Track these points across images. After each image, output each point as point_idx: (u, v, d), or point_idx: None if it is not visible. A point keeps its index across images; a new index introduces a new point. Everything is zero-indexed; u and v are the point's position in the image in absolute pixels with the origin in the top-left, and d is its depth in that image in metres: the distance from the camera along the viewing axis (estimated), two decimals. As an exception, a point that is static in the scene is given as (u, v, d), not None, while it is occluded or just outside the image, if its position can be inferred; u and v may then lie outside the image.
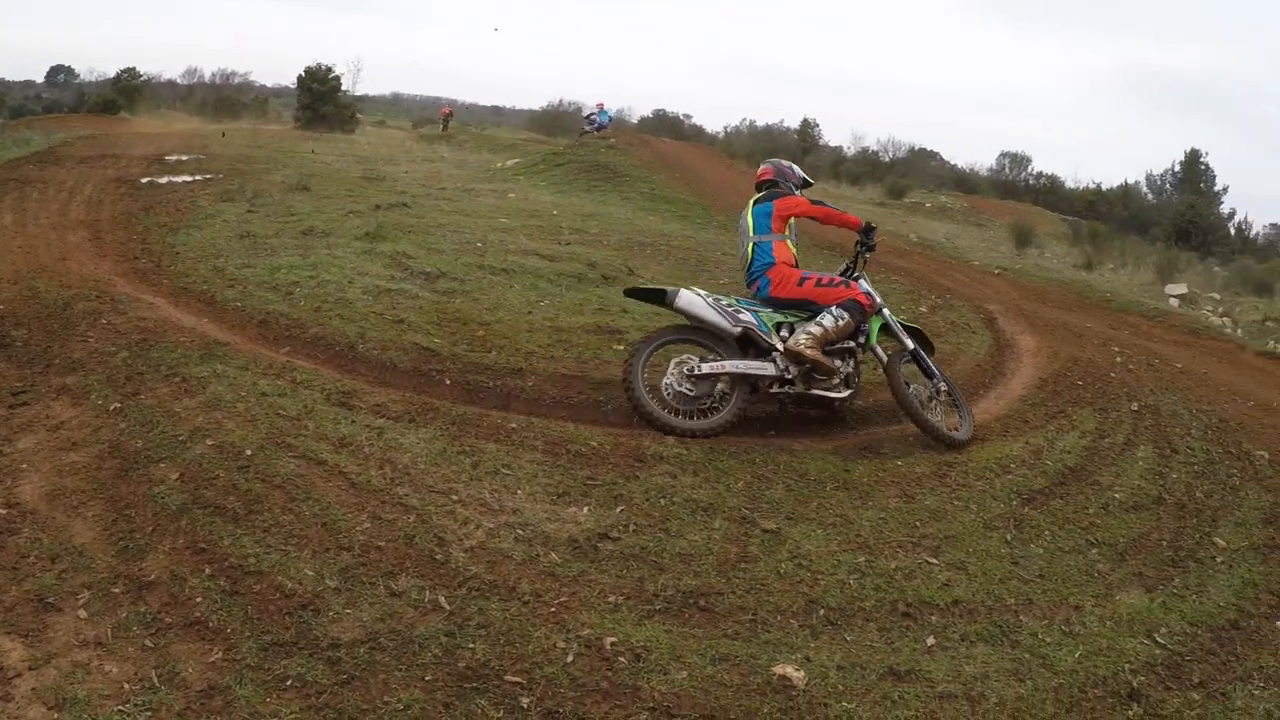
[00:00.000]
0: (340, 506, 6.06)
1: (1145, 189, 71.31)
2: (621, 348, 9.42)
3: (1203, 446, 9.60)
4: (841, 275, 9.14)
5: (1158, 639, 6.17)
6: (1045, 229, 41.66)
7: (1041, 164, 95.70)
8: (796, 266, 8.93)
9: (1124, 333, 14.42)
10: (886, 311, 9.15)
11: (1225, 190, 68.75)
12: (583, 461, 7.16)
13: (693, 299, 8.46)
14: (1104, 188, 69.81)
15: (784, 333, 8.50)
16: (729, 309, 8.48)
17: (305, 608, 5.05)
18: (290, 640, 4.80)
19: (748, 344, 8.45)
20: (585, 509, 6.44)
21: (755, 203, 9.11)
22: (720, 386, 8.36)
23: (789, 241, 9.04)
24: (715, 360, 8.34)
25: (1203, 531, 7.91)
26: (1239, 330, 19.19)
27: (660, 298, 8.58)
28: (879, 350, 8.94)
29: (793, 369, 8.33)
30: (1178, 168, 70.48)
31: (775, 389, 8.42)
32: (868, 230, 9.33)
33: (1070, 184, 72.41)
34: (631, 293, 8.96)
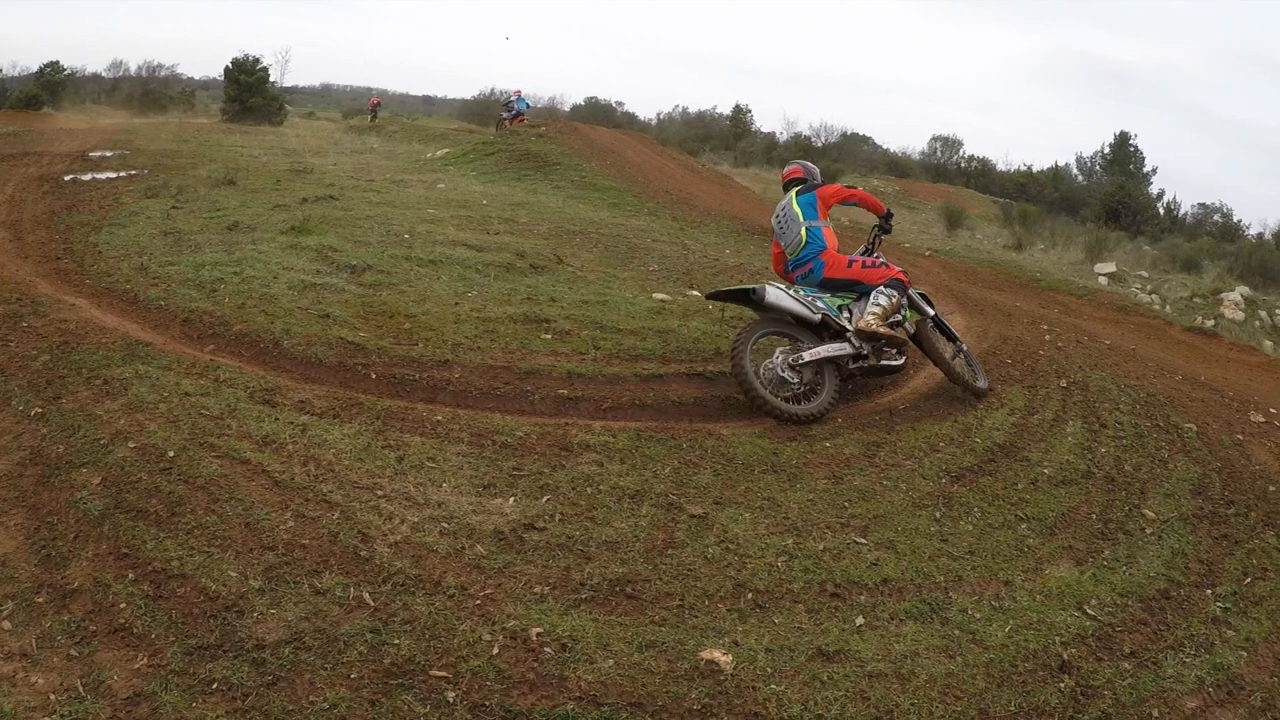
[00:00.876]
0: (263, 506, 5.96)
1: (1075, 171, 72.09)
2: (549, 337, 9.34)
3: (1131, 421, 9.68)
4: (862, 255, 9.75)
5: (1088, 611, 6.23)
6: (976, 211, 42.07)
7: (973, 147, 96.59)
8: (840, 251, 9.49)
9: (1054, 311, 14.56)
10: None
11: (1154, 171, 69.68)
12: (509, 452, 7.09)
13: (779, 294, 8.89)
14: (1034, 170, 70.61)
15: (845, 314, 9.14)
16: (806, 299, 8.96)
17: (229, 609, 4.97)
18: (215, 643, 4.73)
19: (822, 329, 9.01)
20: (511, 500, 6.38)
21: (798, 193, 9.61)
22: (809, 372, 8.79)
23: (831, 228, 9.58)
24: (810, 348, 8.79)
25: (1132, 504, 7.99)
26: (1167, 307, 19.50)
27: (746, 297, 9.05)
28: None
29: (866, 346, 8.96)
30: (1107, 150, 71.24)
31: (852, 365, 8.98)
32: (888, 215, 9.89)
33: (1001, 167, 73.10)
34: (715, 295, 9.43)
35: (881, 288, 9.13)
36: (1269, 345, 18.76)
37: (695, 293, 12.32)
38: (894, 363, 9.32)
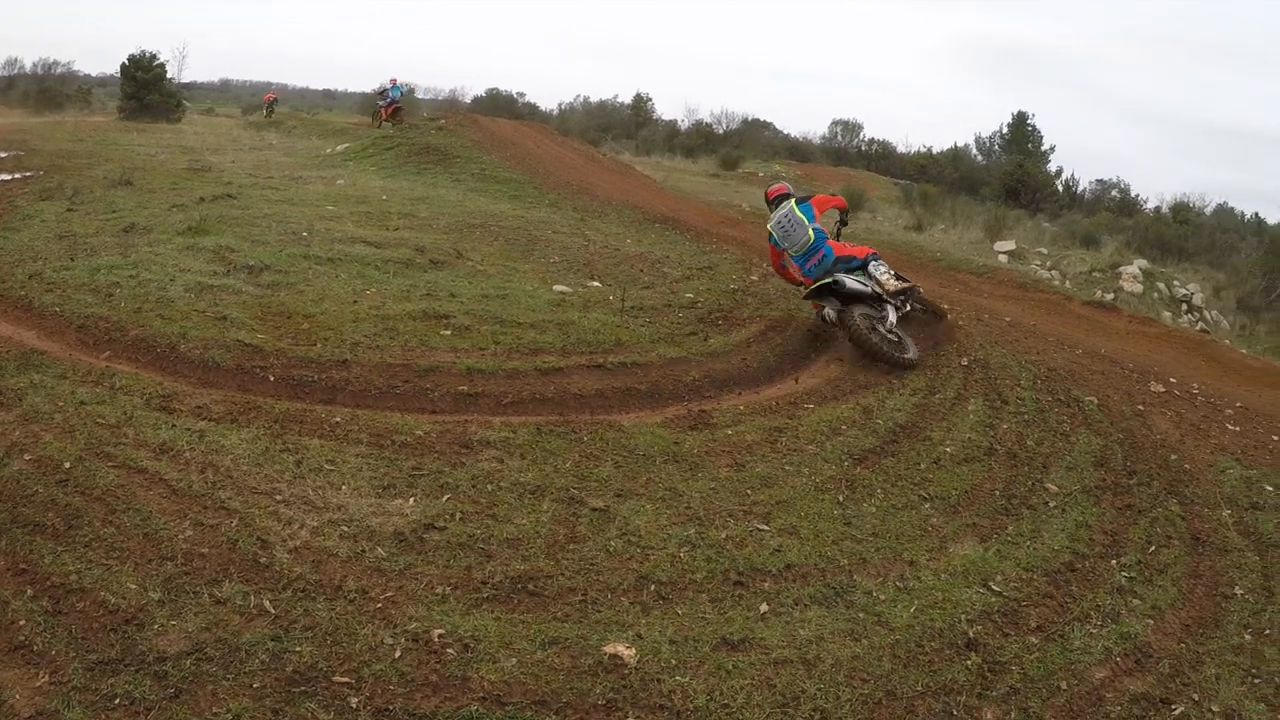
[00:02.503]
0: (162, 515, 5.82)
1: (975, 151, 72.67)
2: (449, 333, 9.23)
3: (1032, 396, 9.79)
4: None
5: (993, 587, 6.29)
6: (878, 193, 42.37)
7: (873, 130, 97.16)
8: None
9: (954, 290, 14.70)
10: None
11: (1052, 149, 70.30)
12: (409, 452, 6.99)
13: (849, 281, 10.55)
14: (934, 151, 71.13)
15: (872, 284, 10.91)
16: (863, 280, 10.73)
17: (129, 623, 4.85)
18: (116, 658, 4.62)
19: (871, 299, 10.75)
20: (411, 500, 6.30)
21: (797, 203, 11.35)
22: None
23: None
24: (885, 315, 10.69)
25: (1034, 479, 8.09)
26: (1067, 282, 19.78)
27: (829, 288, 10.58)
28: None
29: (898, 301, 10.91)
30: (1005, 130, 71.92)
31: (901, 315, 10.89)
32: (847, 211, 12.25)
33: (902, 149, 73.52)
34: (810, 295, 10.93)
35: (869, 259, 11.07)
36: (1167, 316, 19.13)
37: (596, 284, 12.29)
38: (909, 308, 11.23)
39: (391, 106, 38.28)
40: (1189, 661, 5.89)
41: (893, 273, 11.07)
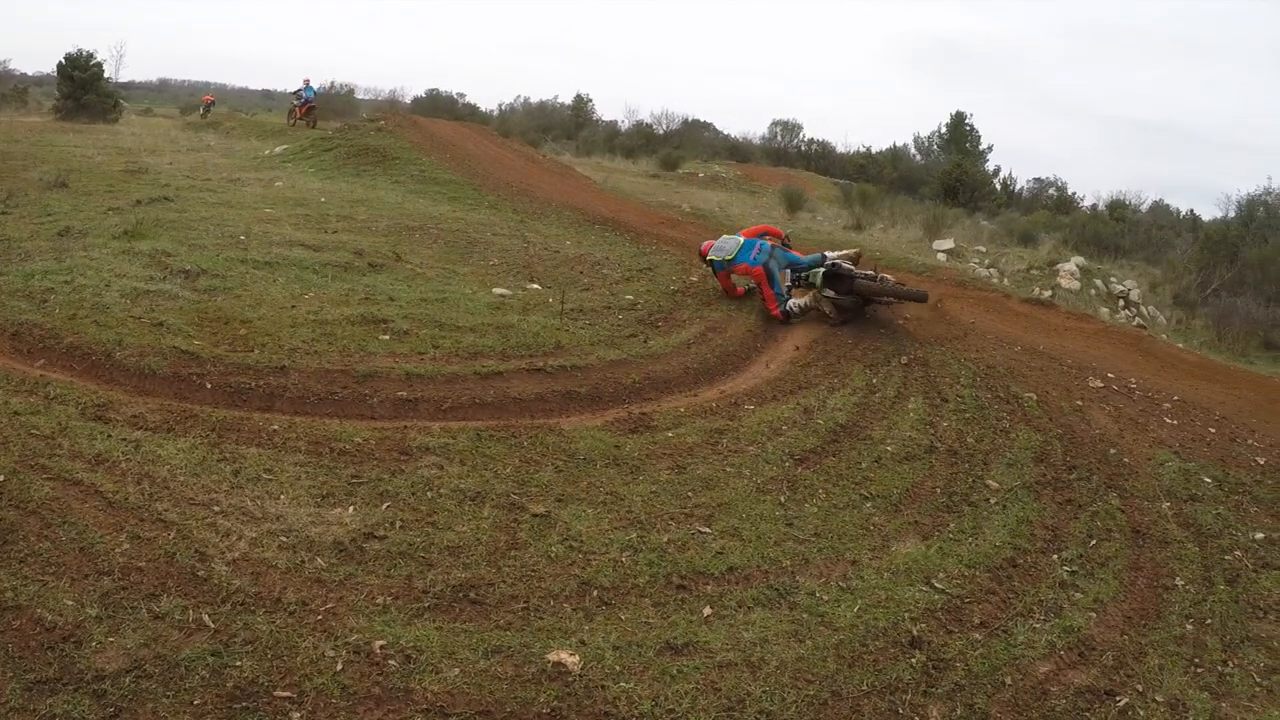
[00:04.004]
0: (98, 528, 5.70)
1: (914, 151, 73.13)
2: (387, 337, 9.16)
3: (972, 394, 9.85)
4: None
5: (936, 585, 6.32)
6: (817, 193, 42.49)
7: (813, 130, 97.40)
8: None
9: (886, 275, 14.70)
10: None
11: (990, 148, 70.91)
12: (347, 459, 6.92)
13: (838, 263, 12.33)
14: (874, 151, 71.49)
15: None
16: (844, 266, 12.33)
17: (67, 640, 4.74)
18: (54, 676, 4.51)
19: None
20: (350, 509, 6.22)
21: (756, 236, 12.76)
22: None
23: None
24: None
25: (975, 475, 8.14)
26: (1005, 280, 19.94)
27: (832, 272, 12.18)
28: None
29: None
30: (944, 129, 72.46)
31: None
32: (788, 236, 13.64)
33: (841, 149, 73.81)
34: (822, 286, 12.19)
35: (817, 255, 12.65)
36: (1105, 312, 19.33)
37: (535, 286, 12.25)
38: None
39: (305, 106, 39.53)
40: (1132, 653, 5.96)
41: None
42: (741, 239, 12.45)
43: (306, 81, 41.17)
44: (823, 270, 12.25)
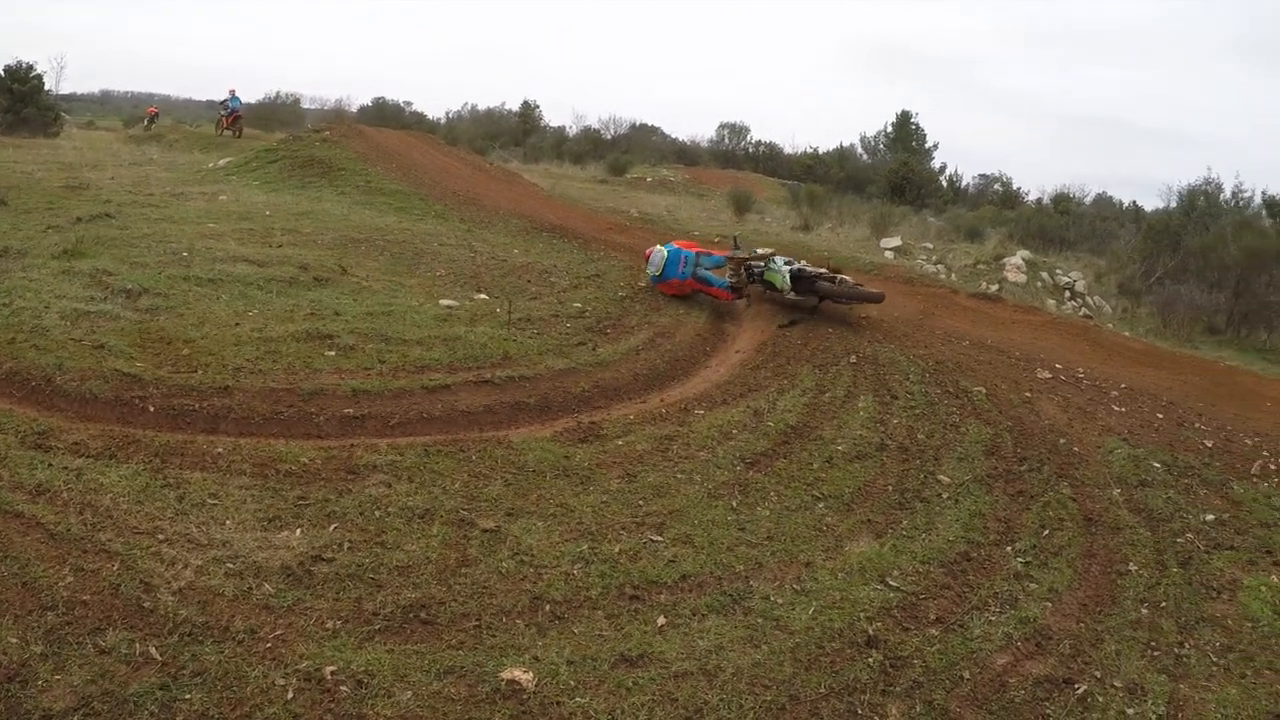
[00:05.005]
0: (40, 562, 5.56)
1: (860, 150, 73.57)
2: (333, 353, 9.05)
3: (922, 390, 9.89)
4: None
5: (891, 583, 6.35)
6: (765, 194, 42.62)
7: (760, 132, 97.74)
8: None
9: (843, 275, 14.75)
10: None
11: (936, 146, 71.52)
12: (294, 480, 6.81)
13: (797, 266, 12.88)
14: (821, 151, 71.83)
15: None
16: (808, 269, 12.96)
17: (13, 680, 4.62)
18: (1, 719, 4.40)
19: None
20: (297, 532, 6.13)
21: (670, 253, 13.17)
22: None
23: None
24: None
25: (927, 471, 8.19)
26: (953, 275, 20.04)
27: (797, 275, 12.75)
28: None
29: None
30: (890, 129, 72.99)
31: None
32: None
33: (789, 150, 74.20)
34: (791, 292, 12.80)
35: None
36: (1051, 304, 19.47)
37: (483, 296, 12.17)
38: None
39: (231, 116, 40.50)
40: (1089, 640, 6.01)
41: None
42: (666, 253, 13.10)
43: (232, 92, 41.79)
44: (788, 271, 12.65)
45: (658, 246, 13.51)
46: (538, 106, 76.79)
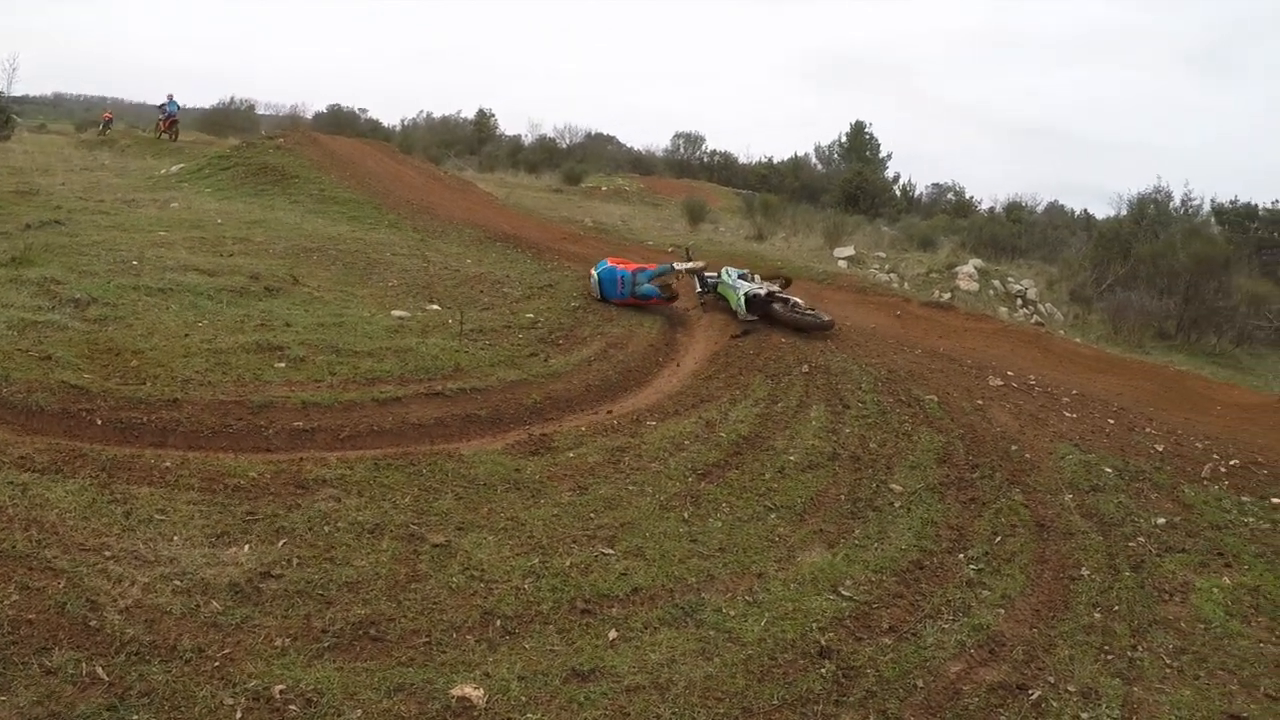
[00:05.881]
0: (-16, 580, 5.50)
1: (815, 160, 74.00)
2: (283, 365, 8.97)
3: (874, 398, 9.92)
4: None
5: (843, 592, 6.35)
6: (720, 204, 42.78)
7: (715, 142, 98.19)
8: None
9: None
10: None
11: (890, 156, 72.13)
12: (242, 495, 6.73)
13: (749, 287, 12.93)
14: (775, 161, 72.20)
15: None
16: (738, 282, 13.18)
17: (-44, 704, 4.55)
18: (-56, 743, 4.33)
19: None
20: (246, 547, 6.06)
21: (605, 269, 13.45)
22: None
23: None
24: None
25: (879, 480, 8.20)
26: (905, 284, 20.13)
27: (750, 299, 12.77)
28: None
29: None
30: (844, 138, 73.46)
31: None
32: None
33: (743, 159, 74.65)
34: (749, 314, 12.76)
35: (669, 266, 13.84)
36: (1003, 312, 19.60)
37: (435, 307, 12.15)
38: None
39: (169, 120, 41.61)
40: (1042, 645, 6.03)
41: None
42: (598, 276, 13.44)
43: (170, 97, 42.65)
44: (744, 294, 12.72)
45: (593, 270, 13.79)
46: (493, 115, 76.99)
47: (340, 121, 65.67)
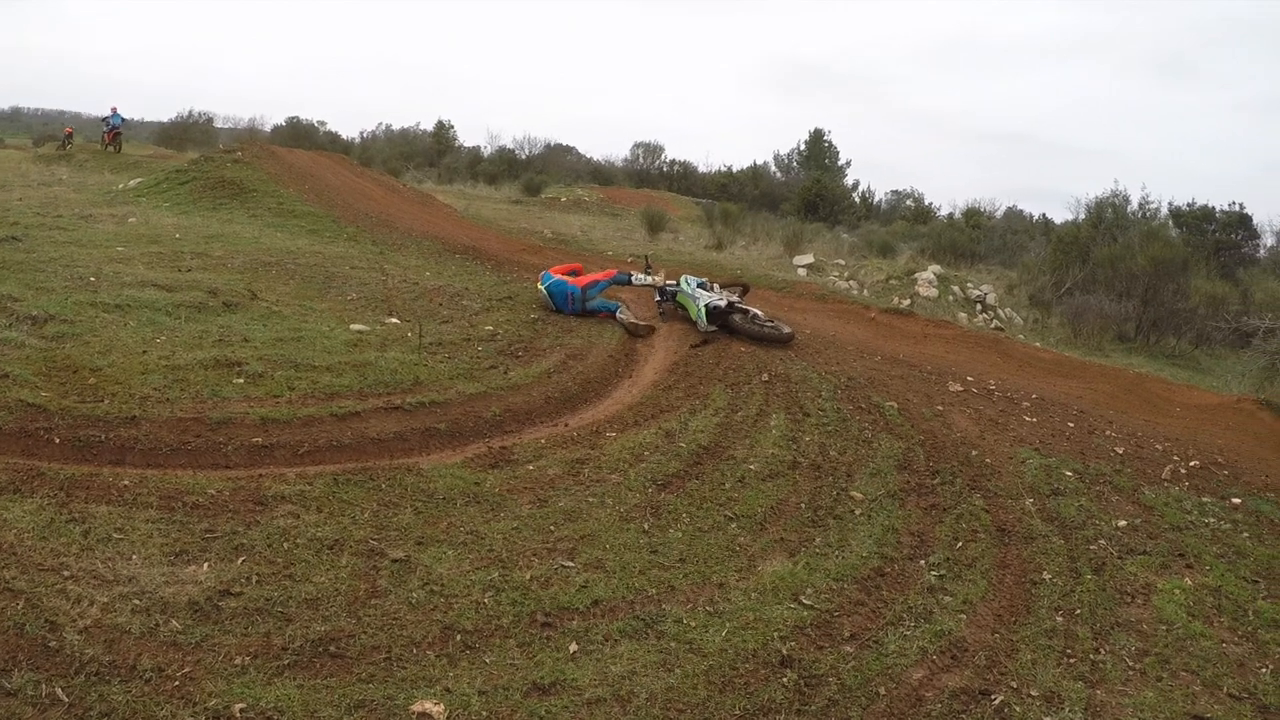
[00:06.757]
0: (-58, 602, 5.45)
1: (774, 168, 74.44)
2: (242, 381, 8.92)
3: (834, 406, 9.95)
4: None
5: (805, 601, 6.36)
6: (679, 213, 42.95)
7: (675, 151, 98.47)
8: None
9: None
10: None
11: (849, 164, 72.92)
12: (201, 513, 6.67)
13: (712, 300, 12.90)
14: (734, 170, 72.56)
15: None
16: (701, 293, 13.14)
17: (-87, 725, 4.51)
18: (-98, 768, 4.29)
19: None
20: (205, 566, 6.01)
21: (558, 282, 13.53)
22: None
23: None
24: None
25: (839, 488, 8.22)
26: (865, 291, 20.24)
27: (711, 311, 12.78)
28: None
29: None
30: (803, 146, 73.93)
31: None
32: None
33: (703, 169, 75.02)
34: (710, 327, 12.75)
35: (621, 276, 14.05)
36: (963, 317, 19.75)
37: (394, 321, 12.12)
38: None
39: (112, 132, 43.12)
40: (1004, 650, 6.05)
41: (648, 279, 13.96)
42: (544, 290, 13.55)
43: (114, 109, 43.65)
44: (705, 307, 12.69)
45: (539, 285, 13.79)
46: (452, 126, 77.15)
47: (299, 134, 65.49)
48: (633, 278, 13.99)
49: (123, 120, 44.18)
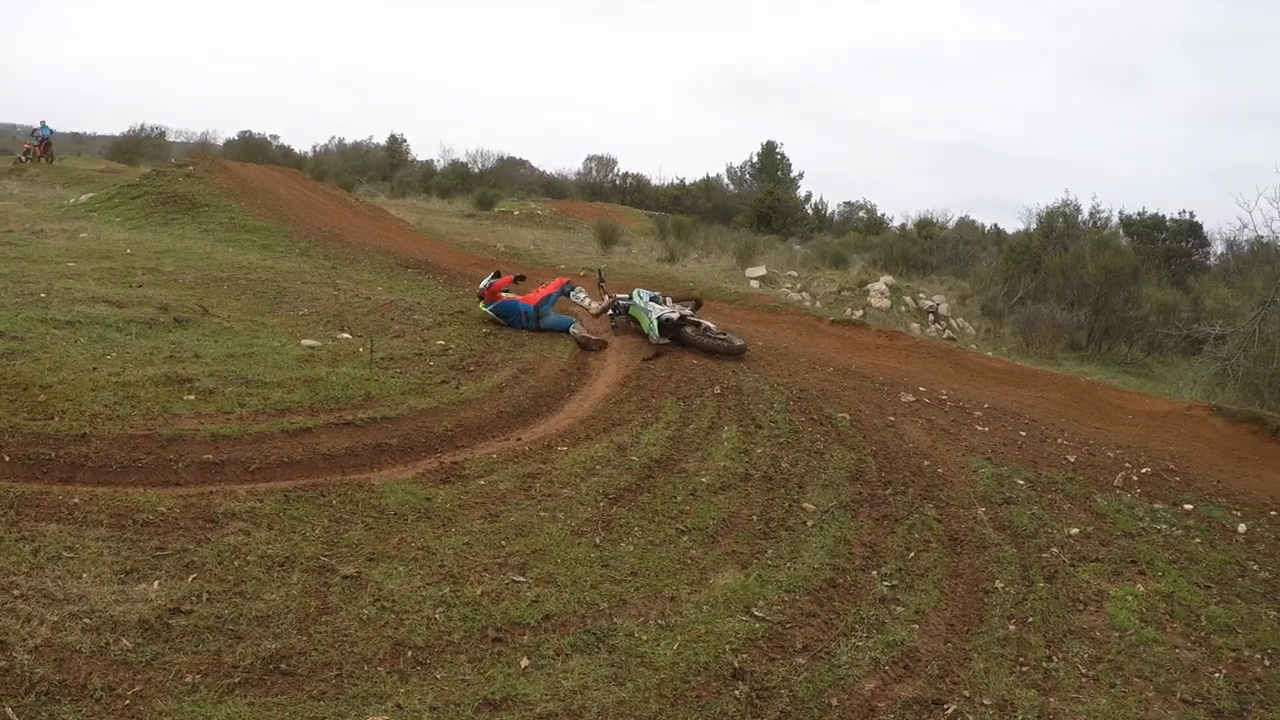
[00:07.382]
0: (-110, 623, 5.40)
1: (727, 181, 74.64)
2: (192, 397, 8.86)
3: (786, 418, 9.98)
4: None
5: (756, 613, 6.38)
6: (633, 226, 42.98)
7: (628, 164, 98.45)
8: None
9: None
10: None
11: (801, 176, 73.24)
12: (151, 530, 6.63)
13: (663, 312, 12.93)
14: (687, 182, 72.66)
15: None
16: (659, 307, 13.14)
17: None
18: None
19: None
20: (155, 583, 5.98)
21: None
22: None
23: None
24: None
25: (791, 499, 8.25)
26: (817, 303, 20.35)
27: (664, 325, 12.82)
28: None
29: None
30: (756, 159, 74.18)
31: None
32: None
33: (656, 181, 75.06)
34: (663, 340, 12.78)
35: (567, 288, 14.07)
36: (915, 328, 19.88)
37: (346, 336, 12.08)
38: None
39: (42, 144, 44.24)
40: (957, 660, 6.10)
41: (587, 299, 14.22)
42: (491, 310, 13.53)
43: (43, 122, 45.13)
44: (657, 319, 12.75)
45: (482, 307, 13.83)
46: (405, 140, 76.89)
47: (251, 149, 65.09)
48: (573, 294, 14.14)
49: (52, 131, 45.42)
